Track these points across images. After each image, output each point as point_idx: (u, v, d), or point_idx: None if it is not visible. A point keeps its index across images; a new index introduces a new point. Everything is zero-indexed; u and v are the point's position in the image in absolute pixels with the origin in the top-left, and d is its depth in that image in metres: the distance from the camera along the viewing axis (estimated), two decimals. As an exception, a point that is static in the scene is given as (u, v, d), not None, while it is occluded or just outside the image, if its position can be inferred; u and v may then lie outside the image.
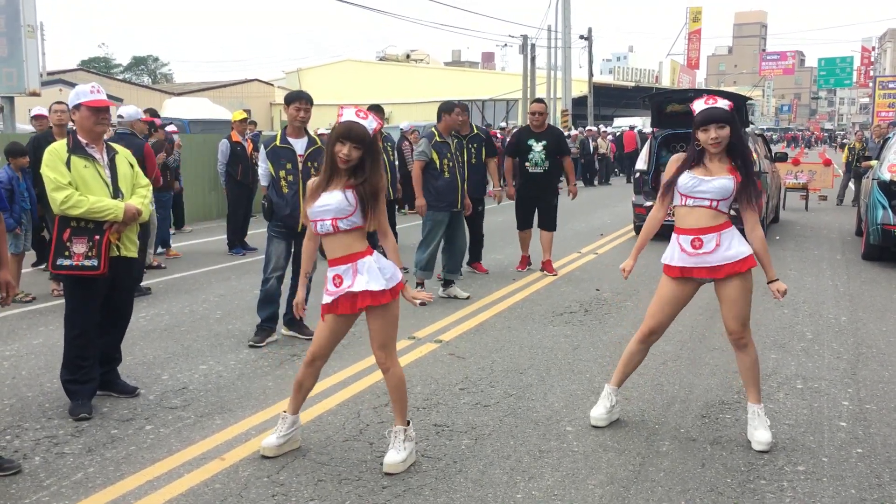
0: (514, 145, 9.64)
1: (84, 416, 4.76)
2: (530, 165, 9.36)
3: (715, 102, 4.35)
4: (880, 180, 10.39)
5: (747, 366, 4.46)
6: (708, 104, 4.35)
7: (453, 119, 8.19)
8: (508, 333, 6.82)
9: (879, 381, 5.56)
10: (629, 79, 59.88)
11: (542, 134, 9.41)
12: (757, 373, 4.48)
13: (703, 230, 4.33)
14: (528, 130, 9.53)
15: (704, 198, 4.32)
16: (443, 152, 8.04)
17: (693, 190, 4.33)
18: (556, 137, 9.55)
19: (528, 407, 5.01)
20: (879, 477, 4.04)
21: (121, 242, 4.96)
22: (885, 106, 49.18)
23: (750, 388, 4.48)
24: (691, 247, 4.33)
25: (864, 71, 77.34)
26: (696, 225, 4.34)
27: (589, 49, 39.80)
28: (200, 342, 6.54)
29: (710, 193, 4.30)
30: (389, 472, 3.99)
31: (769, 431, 4.38)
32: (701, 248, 4.31)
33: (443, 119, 8.15)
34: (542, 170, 9.35)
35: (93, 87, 4.97)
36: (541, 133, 9.41)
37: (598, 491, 3.86)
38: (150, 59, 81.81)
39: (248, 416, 4.84)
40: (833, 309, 7.79)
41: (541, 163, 9.33)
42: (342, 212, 3.92)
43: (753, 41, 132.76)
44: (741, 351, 4.47)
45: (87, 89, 4.94)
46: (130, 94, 40.08)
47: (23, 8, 14.25)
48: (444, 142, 8.08)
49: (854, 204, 16.31)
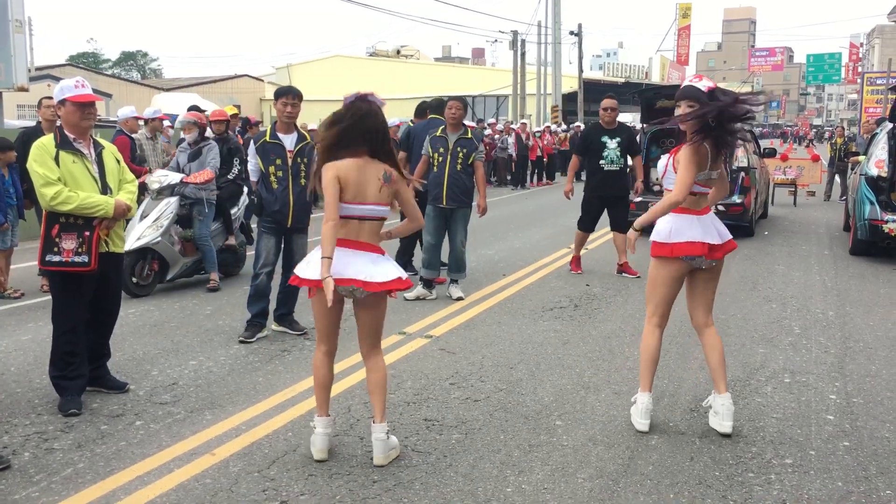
0: (584, 143, 9.33)
1: (73, 412, 4.75)
2: (605, 163, 9.03)
3: (699, 81, 4.47)
4: (868, 176, 10.46)
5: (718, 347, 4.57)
6: (692, 82, 4.48)
7: (450, 115, 7.92)
8: (499, 329, 6.84)
9: (866, 375, 5.60)
10: (619, 75, 59.88)
11: (616, 131, 9.13)
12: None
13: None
14: (600, 127, 9.21)
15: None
16: (436, 146, 7.93)
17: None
18: (630, 134, 9.28)
19: (518, 402, 5.03)
20: (866, 469, 4.08)
21: (109, 238, 4.95)
22: (873, 102, 49.49)
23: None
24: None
25: (853, 67, 77.77)
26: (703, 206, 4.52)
27: (579, 45, 39.83)
28: (190, 338, 6.53)
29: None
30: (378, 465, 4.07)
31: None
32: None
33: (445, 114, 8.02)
34: (617, 167, 9.06)
35: (77, 81, 4.94)
36: (613, 130, 9.12)
37: (587, 484, 3.88)
38: (139, 55, 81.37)
39: (239, 411, 4.84)
40: (821, 303, 7.84)
41: (616, 160, 9.03)
42: None
43: (742, 37, 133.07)
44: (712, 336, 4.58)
45: (71, 84, 4.91)
46: (119, 90, 39.89)
47: (10, 2, 14.17)
48: (442, 137, 7.95)
49: (842, 199, 16.41)
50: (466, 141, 7.93)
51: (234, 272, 9.25)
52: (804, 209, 16.72)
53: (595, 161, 9.13)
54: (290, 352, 6.10)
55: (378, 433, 4.04)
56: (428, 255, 8.04)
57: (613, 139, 9.05)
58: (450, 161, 7.86)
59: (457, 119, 7.88)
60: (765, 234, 12.60)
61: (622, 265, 9.20)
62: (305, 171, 6.31)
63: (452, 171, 7.87)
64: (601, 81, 49.89)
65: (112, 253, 5.01)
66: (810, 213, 16.09)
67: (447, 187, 7.87)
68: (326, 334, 4.15)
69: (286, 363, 5.83)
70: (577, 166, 9.47)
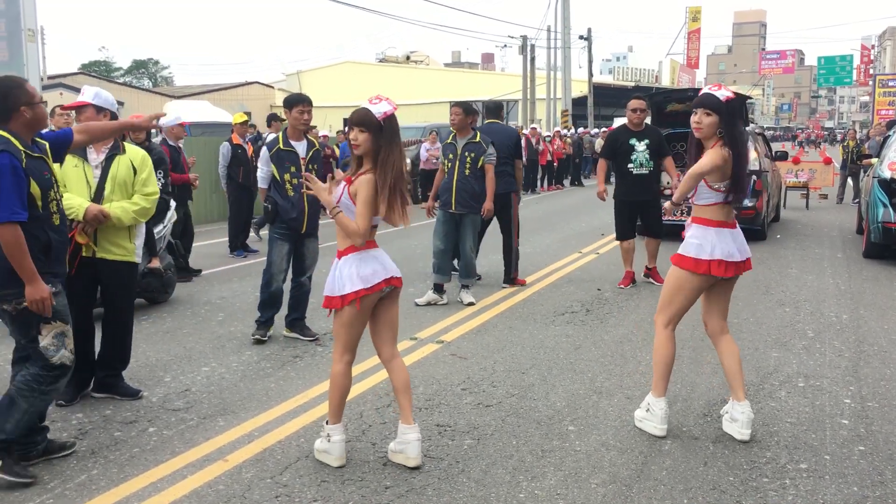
0: (611, 146, 8.95)
1: (60, 403, 4.94)
2: (634, 167, 8.66)
3: (718, 90, 4.45)
4: (881, 178, 10.40)
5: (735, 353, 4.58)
6: (711, 91, 4.45)
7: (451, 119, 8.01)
8: (510, 333, 6.83)
9: (881, 379, 5.57)
10: (629, 79, 59.87)
11: (643, 133, 8.74)
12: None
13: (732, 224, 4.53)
14: (627, 130, 8.81)
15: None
16: (446, 152, 8.05)
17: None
18: (658, 137, 8.88)
19: (531, 407, 5.02)
20: (882, 474, 4.05)
21: (97, 244, 4.95)
22: (886, 104, 49.19)
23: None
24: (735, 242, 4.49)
25: (864, 69, 77.37)
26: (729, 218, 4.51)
27: (588, 49, 39.80)
28: (203, 344, 6.55)
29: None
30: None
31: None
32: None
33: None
34: (647, 171, 8.67)
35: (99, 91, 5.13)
36: (641, 132, 8.74)
37: (600, 490, 3.87)
38: (150, 63, 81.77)
39: (251, 417, 4.85)
40: (834, 307, 7.80)
41: (646, 163, 8.65)
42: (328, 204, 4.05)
43: (753, 40, 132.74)
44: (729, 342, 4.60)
45: (96, 91, 5.13)
46: (131, 98, 40.07)
47: (23, 12, 14.29)
48: (451, 143, 8.03)
49: (855, 202, 16.31)
50: (475, 145, 7.94)
51: (161, 299, 8.01)
52: (816, 212, 16.64)
53: (623, 165, 8.76)
54: (302, 357, 6.11)
55: (413, 434, 4.09)
56: (438, 260, 8.03)
57: (642, 141, 8.67)
58: (458, 166, 7.89)
59: (455, 124, 7.95)
60: (777, 238, 12.54)
61: (650, 270, 9.03)
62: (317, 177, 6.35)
63: (461, 176, 7.88)
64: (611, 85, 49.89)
65: (106, 260, 5.00)
66: (823, 216, 16.00)
67: (456, 192, 7.89)
68: (354, 345, 4.16)
69: (298, 369, 5.84)
70: (605, 168, 9.20)
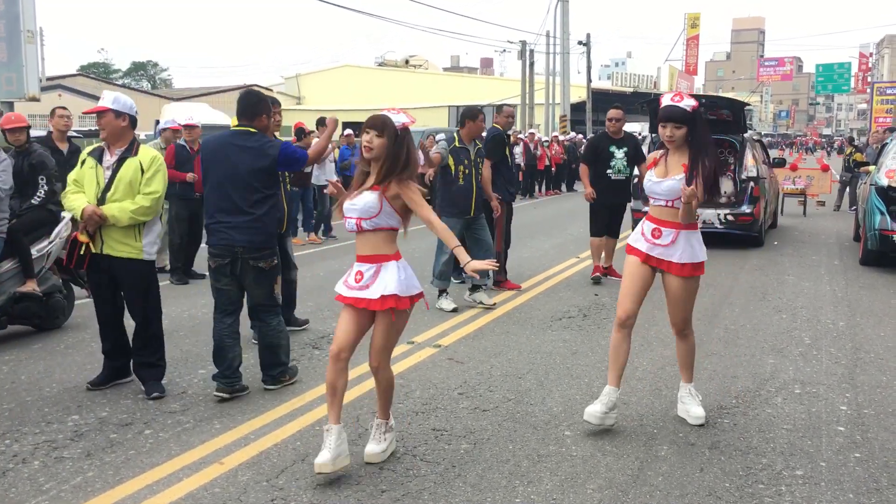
0: (592, 152, 9.55)
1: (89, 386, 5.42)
2: (613, 172, 9.25)
3: (680, 101, 4.59)
4: (878, 186, 10.40)
5: (685, 352, 4.85)
6: (673, 101, 4.59)
7: (477, 126, 8.09)
8: (507, 338, 6.83)
9: (877, 386, 5.57)
10: (627, 84, 59.98)
11: (622, 140, 9.33)
12: (692, 357, 4.88)
13: (664, 223, 4.62)
14: (607, 137, 9.40)
15: (660, 198, 4.62)
16: (460, 158, 7.96)
17: (650, 190, 4.68)
18: (635, 143, 9.57)
19: (527, 411, 5.02)
20: (877, 481, 4.05)
21: (103, 241, 5.22)
22: (883, 112, 49.31)
23: (685, 369, 4.87)
24: (651, 235, 4.65)
25: (862, 77, 77.47)
26: (659, 217, 4.65)
27: (587, 55, 39.89)
28: (199, 347, 6.54)
29: (663, 194, 4.60)
30: (370, 462, 4.16)
31: (701, 407, 4.79)
32: (659, 238, 4.62)
33: (466, 125, 8.09)
34: (623, 176, 9.31)
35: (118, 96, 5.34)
36: (620, 140, 9.32)
37: (596, 495, 3.87)
38: (149, 65, 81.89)
39: (247, 420, 4.85)
40: (831, 314, 7.80)
41: (623, 169, 9.26)
42: (367, 212, 4.00)
43: (751, 47, 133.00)
44: (682, 340, 4.84)
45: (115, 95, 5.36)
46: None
47: (22, 13, 14.32)
48: (463, 148, 8.00)
49: (852, 209, 16.34)
50: (480, 150, 8.25)
51: (50, 325, 6.93)
52: (814, 219, 16.66)
53: (602, 169, 9.29)
54: (299, 361, 6.11)
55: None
56: (445, 267, 8.06)
57: (621, 149, 9.27)
58: (473, 172, 8.05)
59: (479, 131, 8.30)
60: (774, 245, 12.55)
61: (608, 268, 9.57)
62: (290, 177, 7.48)
63: (478, 181, 8.11)
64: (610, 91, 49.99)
65: (115, 257, 5.26)
66: (820, 222, 16.03)
67: (476, 197, 8.07)
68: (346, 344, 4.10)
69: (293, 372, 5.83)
70: (587, 172, 9.54)
